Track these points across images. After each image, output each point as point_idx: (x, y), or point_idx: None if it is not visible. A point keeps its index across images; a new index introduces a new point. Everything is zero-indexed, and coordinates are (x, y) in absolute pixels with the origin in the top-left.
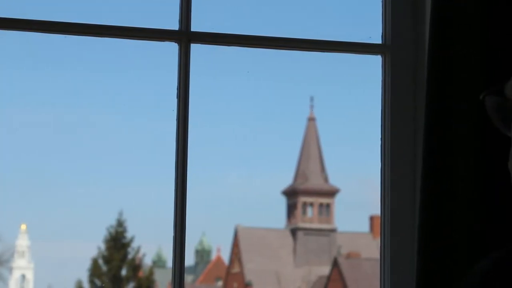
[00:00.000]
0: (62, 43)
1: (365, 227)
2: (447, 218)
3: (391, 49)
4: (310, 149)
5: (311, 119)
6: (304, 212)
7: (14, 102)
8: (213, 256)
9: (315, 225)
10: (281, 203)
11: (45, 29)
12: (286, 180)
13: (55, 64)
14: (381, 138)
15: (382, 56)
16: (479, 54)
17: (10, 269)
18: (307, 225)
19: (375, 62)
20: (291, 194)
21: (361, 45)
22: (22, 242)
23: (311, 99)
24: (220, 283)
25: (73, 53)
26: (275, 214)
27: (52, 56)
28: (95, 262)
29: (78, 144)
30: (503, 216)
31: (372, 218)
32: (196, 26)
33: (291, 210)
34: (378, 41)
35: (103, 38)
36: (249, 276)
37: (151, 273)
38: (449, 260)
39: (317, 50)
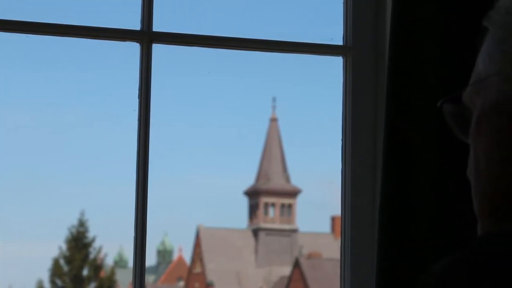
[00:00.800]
0: (24, 43)
1: (326, 227)
2: (407, 219)
3: (352, 51)
4: (272, 149)
5: (274, 120)
6: (266, 212)
7: None
8: (175, 256)
9: (277, 226)
10: (243, 203)
11: (6, 28)
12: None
13: (16, 63)
14: (341, 139)
15: (343, 58)
16: (438, 59)
17: None
18: (269, 226)
19: (337, 63)
20: (253, 194)
21: (323, 46)
22: None
23: (274, 99)
24: (181, 283)
25: (35, 53)
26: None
27: (14, 55)
28: (56, 262)
29: (39, 144)
30: (461, 219)
31: (333, 219)
32: (158, 26)
33: (253, 210)
34: (340, 42)
35: (65, 37)
36: (210, 276)
37: (112, 273)
38: (408, 261)
39: (279, 51)
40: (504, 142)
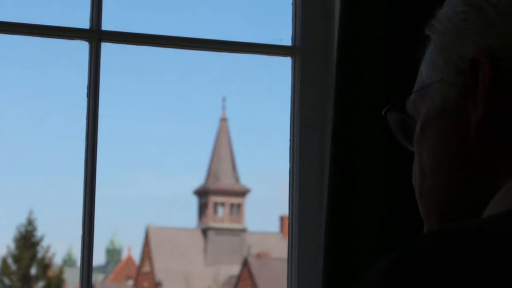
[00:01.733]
0: None
1: (275, 227)
2: (354, 219)
3: (301, 52)
4: (222, 149)
5: (223, 120)
6: (215, 211)
7: None
8: (124, 256)
9: (226, 225)
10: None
11: None
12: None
13: None
14: (290, 139)
15: (292, 58)
16: (386, 61)
17: None
18: (218, 225)
19: (286, 63)
20: (202, 194)
21: (271, 47)
22: None
23: (224, 99)
24: (130, 282)
25: None
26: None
27: None
28: (4, 261)
29: None
30: (408, 221)
31: (282, 218)
32: (107, 25)
33: (202, 209)
34: (289, 43)
35: (13, 35)
36: (159, 276)
37: (61, 272)
38: (355, 261)
39: (228, 51)
40: (448, 147)
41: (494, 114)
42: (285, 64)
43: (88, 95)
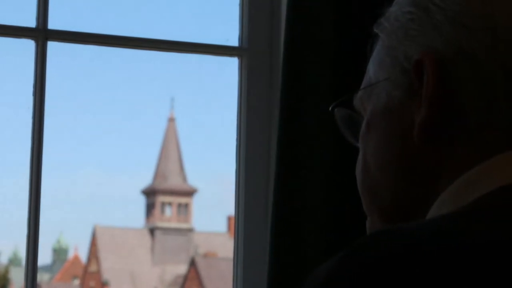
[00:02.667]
0: None
1: (223, 227)
2: (299, 219)
3: (247, 52)
4: (170, 149)
5: (171, 120)
6: (163, 211)
7: None
8: (71, 255)
9: (173, 225)
10: (140, 202)
11: None
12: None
13: None
14: (236, 139)
15: (238, 59)
16: (332, 62)
17: None
18: (165, 225)
19: (233, 64)
20: (150, 193)
21: (218, 47)
22: None
23: (172, 99)
24: (77, 282)
25: None
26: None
27: None
28: None
29: None
30: (352, 218)
31: (229, 218)
32: (54, 24)
33: (149, 209)
34: (236, 44)
35: None
36: (106, 275)
37: (6, 271)
38: (300, 260)
39: (175, 51)
40: (392, 146)
41: (437, 116)
42: (232, 64)
43: (34, 94)
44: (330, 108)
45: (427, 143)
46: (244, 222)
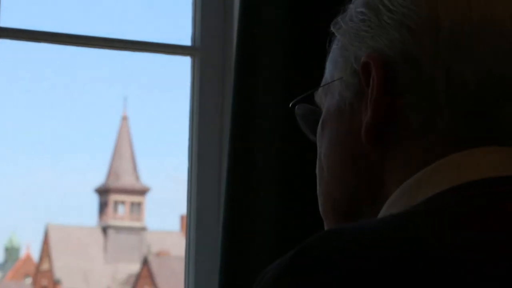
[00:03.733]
0: None
1: (176, 226)
2: (251, 218)
3: (200, 52)
4: (123, 148)
5: (124, 119)
6: (116, 210)
7: None
8: (23, 254)
9: (126, 223)
10: (93, 201)
11: None
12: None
13: None
14: (189, 139)
15: (191, 58)
16: (284, 61)
17: None
18: (118, 223)
19: (186, 63)
20: (103, 192)
21: (171, 47)
22: None
23: (125, 98)
24: (29, 280)
25: None
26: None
27: None
28: None
29: None
30: (306, 217)
31: (182, 217)
32: (5, 21)
33: (102, 208)
34: (189, 43)
35: None
36: (58, 274)
37: None
38: (252, 259)
39: (128, 50)
40: (342, 147)
41: (382, 118)
42: (185, 63)
43: None
44: (290, 105)
45: (374, 144)
46: (196, 221)
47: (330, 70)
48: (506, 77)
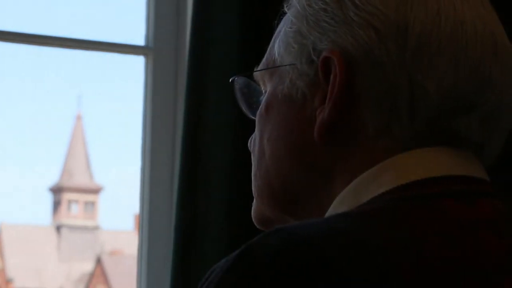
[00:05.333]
0: None
1: (129, 225)
2: (202, 216)
3: (153, 51)
4: (77, 147)
5: (78, 118)
6: (69, 209)
7: None
8: None
9: (80, 222)
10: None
11: None
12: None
13: None
14: (142, 138)
15: (144, 58)
16: (237, 60)
17: None
18: (72, 222)
19: (140, 63)
20: (56, 191)
21: (124, 46)
22: None
23: (79, 97)
24: None
25: None
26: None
27: None
28: None
29: None
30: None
31: (136, 217)
32: None
33: (56, 207)
34: (143, 43)
35: None
36: (11, 273)
37: None
38: (203, 257)
39: (81, 49)
40: (289, 137)
41: (339, 118)
42: (139, 63)
43: None
44: (230, 80)
45: (326, 142)
46: (149, 220)
47: (281, 52)
48: (467, 92)
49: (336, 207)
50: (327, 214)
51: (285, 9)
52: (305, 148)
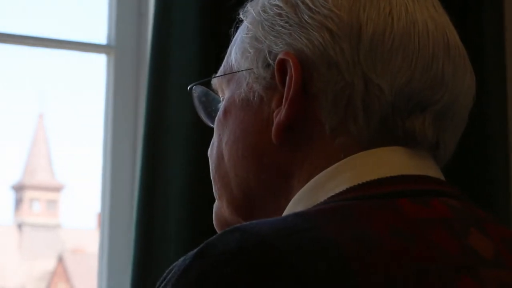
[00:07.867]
0: None
1: (91, 223)
2: (163, 215)
3: (115, 50)
4: (39, 145)
5: (40, 116)
6: (31, 207)
7: None
8: None
9: (42, 220)
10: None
11: None
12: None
13: None
14: (103, 136)
15: (106, 56)
16: (198, 59)
17: None
18: (34, 220)
19: (102, 62)
20: (18, 189)
21: (86, 45)
22: None
23: (41, 96)
24: None
25: None
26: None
27: None
28: None
29: None
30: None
31: (99, 215)
32: None
33: (18, 205)
34: (105, 41)
35: None
36: None
37: None
38: (163, 255)
39: (43, 47)
40: (247, 140)
41: (295, 119)
42: (101, 62)
43: None
44: (188, 88)
45: (283, 143)
46: (110, 218)
47: (237, 58)
48: (420, 91)
49: (293, 207)
50: (285, 213)
51: (242, 16)
52: (263, 150)
